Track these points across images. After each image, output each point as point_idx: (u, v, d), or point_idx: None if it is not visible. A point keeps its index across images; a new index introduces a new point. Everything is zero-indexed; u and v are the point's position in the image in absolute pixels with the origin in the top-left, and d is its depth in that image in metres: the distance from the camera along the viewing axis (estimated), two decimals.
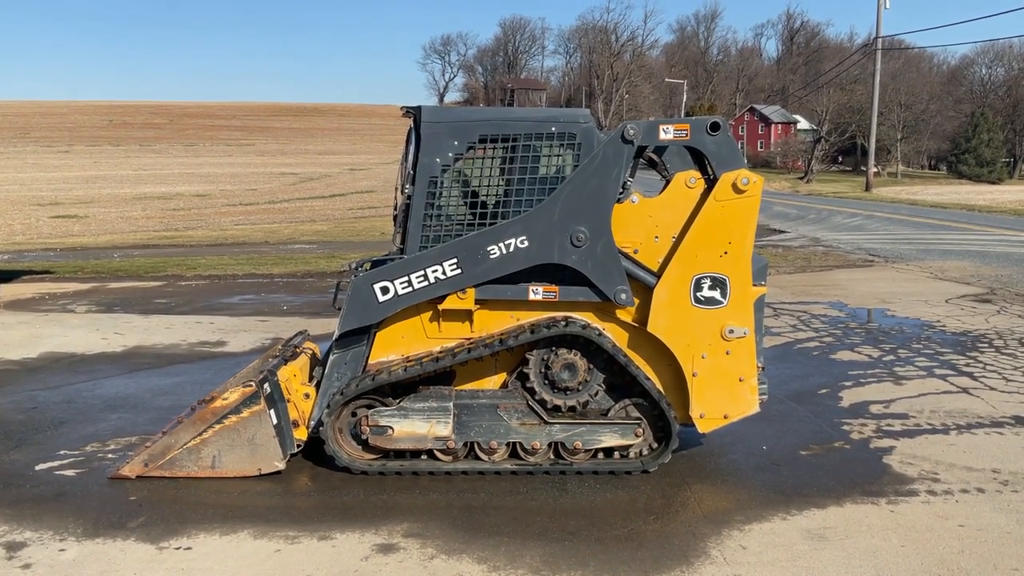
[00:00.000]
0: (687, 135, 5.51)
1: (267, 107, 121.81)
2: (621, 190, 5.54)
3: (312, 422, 5.80)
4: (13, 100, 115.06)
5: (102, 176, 52.92)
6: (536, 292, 5.61)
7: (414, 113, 5.69)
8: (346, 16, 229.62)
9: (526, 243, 5.45)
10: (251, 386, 5.58)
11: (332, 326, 5.92)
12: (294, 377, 5.89)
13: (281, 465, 5.65)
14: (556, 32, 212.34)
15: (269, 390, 5.63)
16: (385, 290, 5.51)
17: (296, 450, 5.80)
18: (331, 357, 5.83)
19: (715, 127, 5.49)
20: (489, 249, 5.45)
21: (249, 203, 38.16)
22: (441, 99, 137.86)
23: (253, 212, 34.19)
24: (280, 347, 6.64)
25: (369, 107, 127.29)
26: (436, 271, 5.47)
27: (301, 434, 5.81)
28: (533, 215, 5.46)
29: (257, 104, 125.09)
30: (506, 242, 5.45)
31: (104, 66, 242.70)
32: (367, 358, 5.81)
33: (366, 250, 17.05)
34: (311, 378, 6.06)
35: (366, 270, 5.73)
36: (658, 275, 5.58)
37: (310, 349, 6.53)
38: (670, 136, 5.50)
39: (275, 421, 5.61)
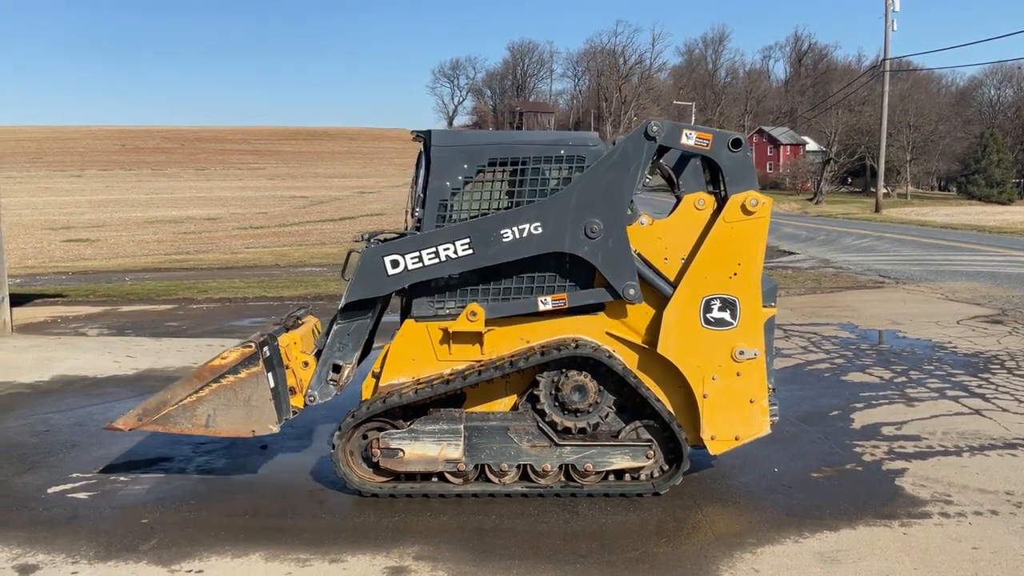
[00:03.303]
0: (708, 145, 5.53)
1: (278, 131, 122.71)
2: (631, 206, 5.55)
3: (310, 391, 5.80)
4: (27, 125, 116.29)
5: (114, 200, 53.30)
6: (545, 303, 5.62)
7: (424, 137, 5.74)
8: (356, 41, 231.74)
9: (540, 229, 5.46)
10: (251, 347, 5.55)
11: None
12: (294, 345, 5.87)
13: (275, 428, 5.61)
14: (564, 55, 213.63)
15: (268, 354, 5.60)
16: (395, 263, 5.52)
17: (291, 416, 5.78)
18: (335, 327, 5.85)
19: (737, 144, 5.53)
20: (503, 232, 5.45)
21: (260, 226, 38.35)
22: (450, 122, 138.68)
23: (264, 235, 34.35)
24: (283, 317, 6.63)
25: (379, 131, 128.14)
26: (448, 249, 5.47)
27: (297, 402, 5.79)
28: (549, 203, 5.48)
29: (268, 128, 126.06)
30: (520, 227, 5.46)
31: (117, 92, 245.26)
32: (371, 331, 5.86)
33: None
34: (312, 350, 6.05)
35: (379, 243, 5.74)
36: (674, 285, 5.58)
37: (312, 322, 6.51)
38: (691, 142, 5.52)
39: (272, 384, 5.57)
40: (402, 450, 5.57)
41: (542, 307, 5.63)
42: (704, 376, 5.59)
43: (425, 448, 5.57)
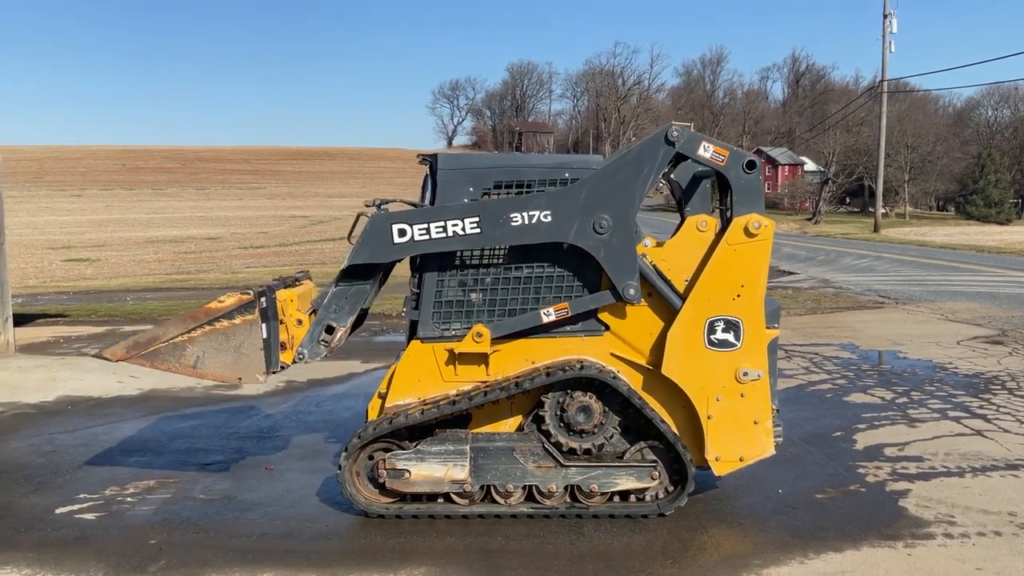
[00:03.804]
0: (724, 161, 5.56)
1: (278, 151, 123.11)
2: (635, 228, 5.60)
3: (301, 348, 5.83)
4: (27, 145, 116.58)
5: (114, 219, 53.46)
6: (548, 314, 5.66)
7: (430, 160, 5.80)
8: (357, 61, 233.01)
9: (549, 218, 5.49)
10: (249, 294, 5.55)
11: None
12: (291, 302, 5.88)
13: (263, 379, 5.60)
14: (563, 76, 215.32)
15: (265, 304, 5.61)
16: (403, 232, 5.53)
17: (279, 370, 5.79)
18: (333, 288, 5.88)
19: (751, 165, 5.57)
20: (512, 216, 5.48)
21: (260, 246, 38.45)
22: (450, 142, 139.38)
23: (264, 255, 34.45)
24: (283, 277, 6.60)
25: (379, 150, 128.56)
26: (456, 225, 5.49)
27: (287, 357, 5.80)
28: (560, 194, 5.53)
29: (268, 148, 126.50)
30: (530, 212, 5.49)
31: (117, 111, 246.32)
32: (370, 298, 5.91)
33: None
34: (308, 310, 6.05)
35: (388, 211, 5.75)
36: (682, 297, 5.64)
37: (310, 286, 6.52)
38: (708, 155, 5.56)
39: (265, 335, 5.56)
40: (408, 471, 5.60)
41: (545, 319, 5.66)
42: (708, 397, 5.63)
43: (431, 469, 5.60)
